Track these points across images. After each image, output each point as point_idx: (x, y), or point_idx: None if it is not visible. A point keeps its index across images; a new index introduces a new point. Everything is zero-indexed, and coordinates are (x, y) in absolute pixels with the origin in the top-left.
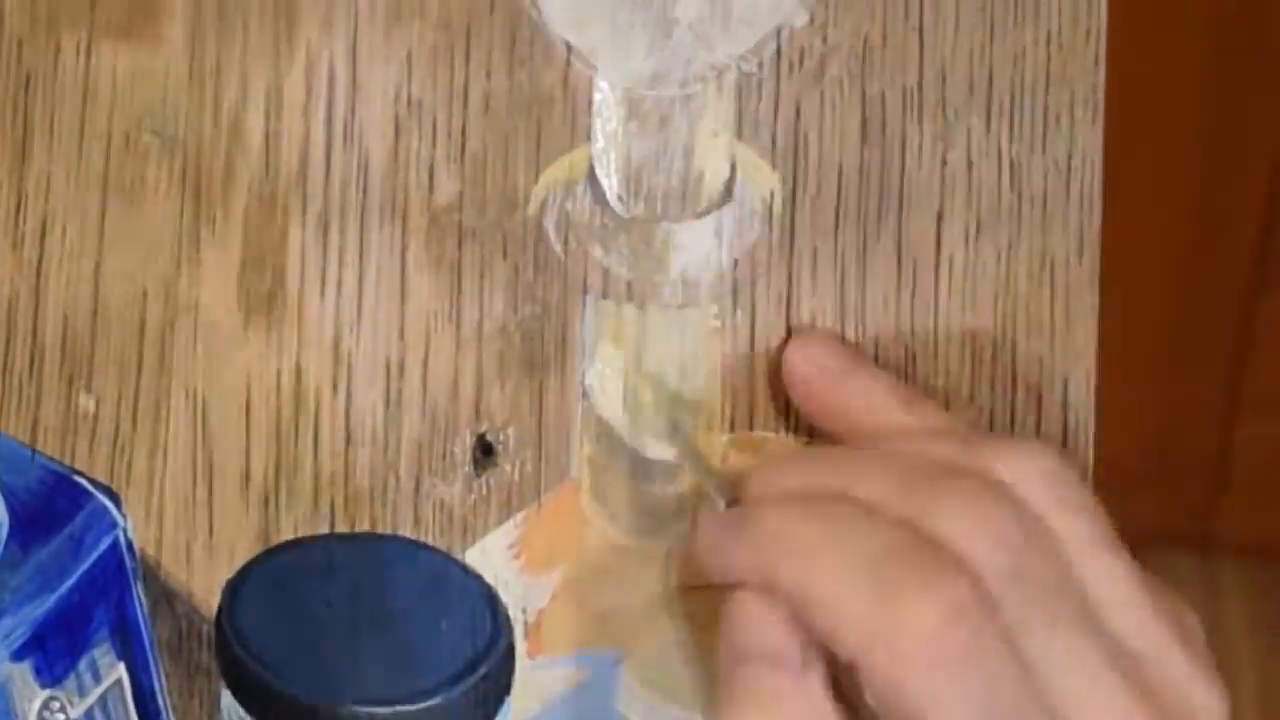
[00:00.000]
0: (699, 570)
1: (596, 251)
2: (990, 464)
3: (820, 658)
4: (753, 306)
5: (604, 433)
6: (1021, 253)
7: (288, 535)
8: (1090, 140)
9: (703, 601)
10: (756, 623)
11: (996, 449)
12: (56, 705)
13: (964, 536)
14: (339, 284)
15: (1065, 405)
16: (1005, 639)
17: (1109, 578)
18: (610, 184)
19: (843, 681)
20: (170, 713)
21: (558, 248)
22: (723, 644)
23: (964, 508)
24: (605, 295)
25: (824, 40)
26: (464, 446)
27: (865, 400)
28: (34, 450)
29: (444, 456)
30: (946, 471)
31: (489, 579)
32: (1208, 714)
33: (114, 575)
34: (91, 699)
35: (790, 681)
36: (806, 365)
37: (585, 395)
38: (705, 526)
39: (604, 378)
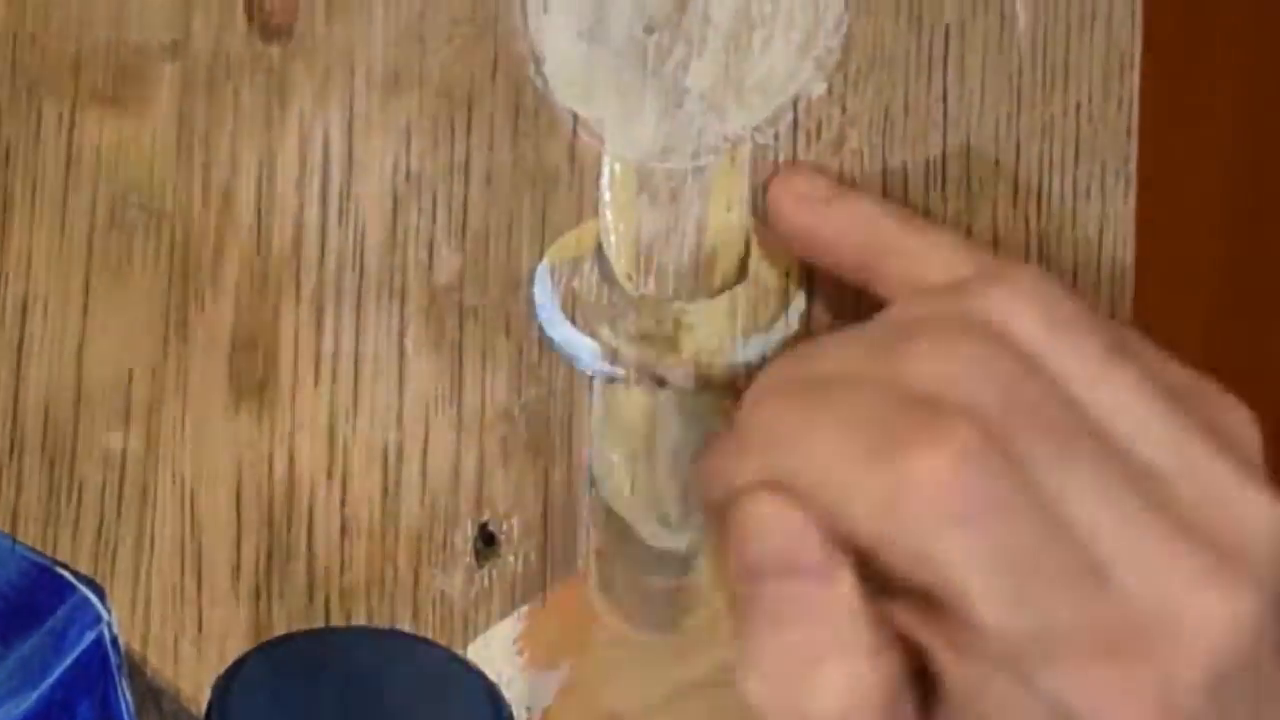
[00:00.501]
0: (714, 506)
1: (605, 331)
2: (974, 303)
3: (844, 554)
4: None
5: (612, 522)
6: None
7: (280, 630)
8: (1122, 215)
9: (714, 699)
10: (768, 529)
11: (984, 283)
12: None
13: (950, 382)
14: (334, 366)
15: None
16: (1019, 479)
17: (1122, 393)
18: (619, 261)
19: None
20: None
21: (564, 328)
22: (733, 562)
23: (942, 353)
24: (614, 378)
25: (843, 110)
26: (465, 536)
27: (857, 223)
28: (14, 540)
29: (444, 547)
30: (918, 322)
31: (491, 675)
32: (1256, 524)
33: (98, 671)
34: None
35: (818, 587)
36: (789, 197)
37: (592, 483)
38: (705, 455)
39: (612, 465)
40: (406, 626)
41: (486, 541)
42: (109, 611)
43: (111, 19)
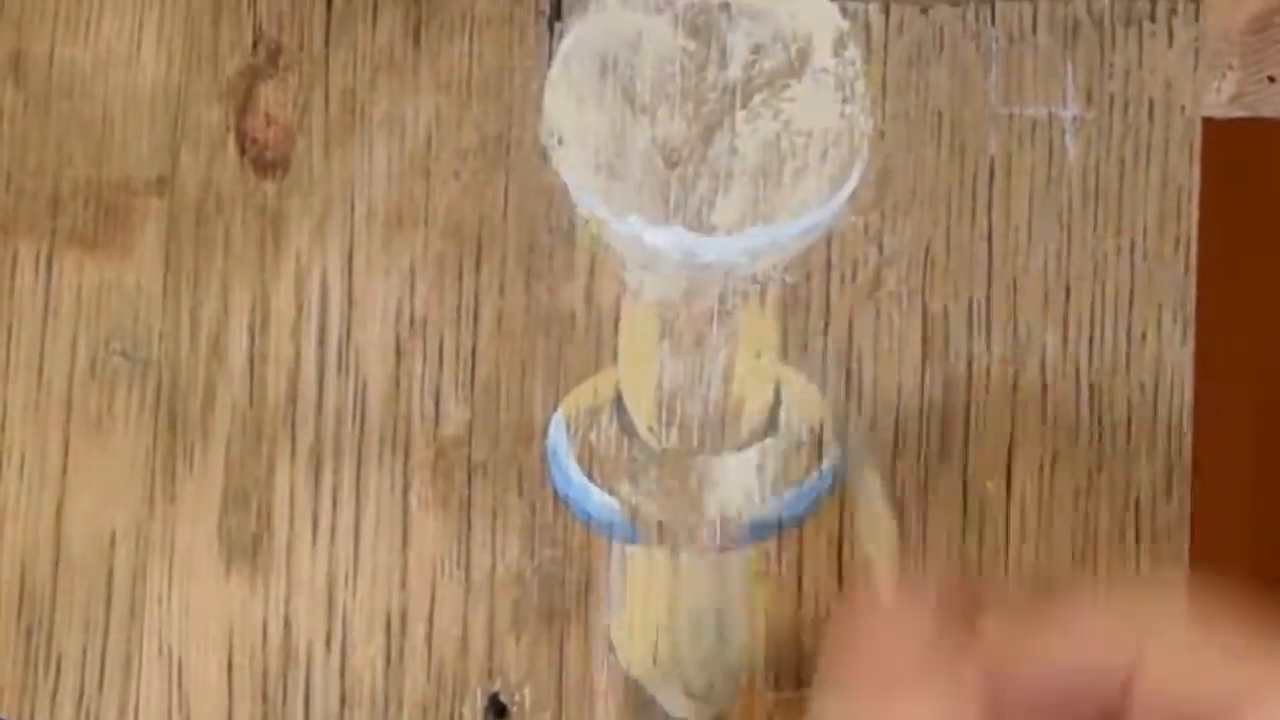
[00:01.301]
0: None
1: (624, 488)
2: None
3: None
4: (799, 550)
5: (633, 693)
6: (1102, 487)
7: None
8: (1179, 360)
9: None
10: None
11: None
12: None
13: None
14: (333, 525)
15: None
16: None
17: None
18: (639, 412)
19: None
20: None
21: (576, 483)
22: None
23: None
24: (634, 538)
25: (880, 249)
26: (474, 708)
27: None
28: None
29: (452, 718)
30: None
31: None
32: None
33: None
34: None
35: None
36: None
37: (611, 650)
38: None
39: (632, 630)
40: None
41: (497, 713)
42: None
43: (91, 155)
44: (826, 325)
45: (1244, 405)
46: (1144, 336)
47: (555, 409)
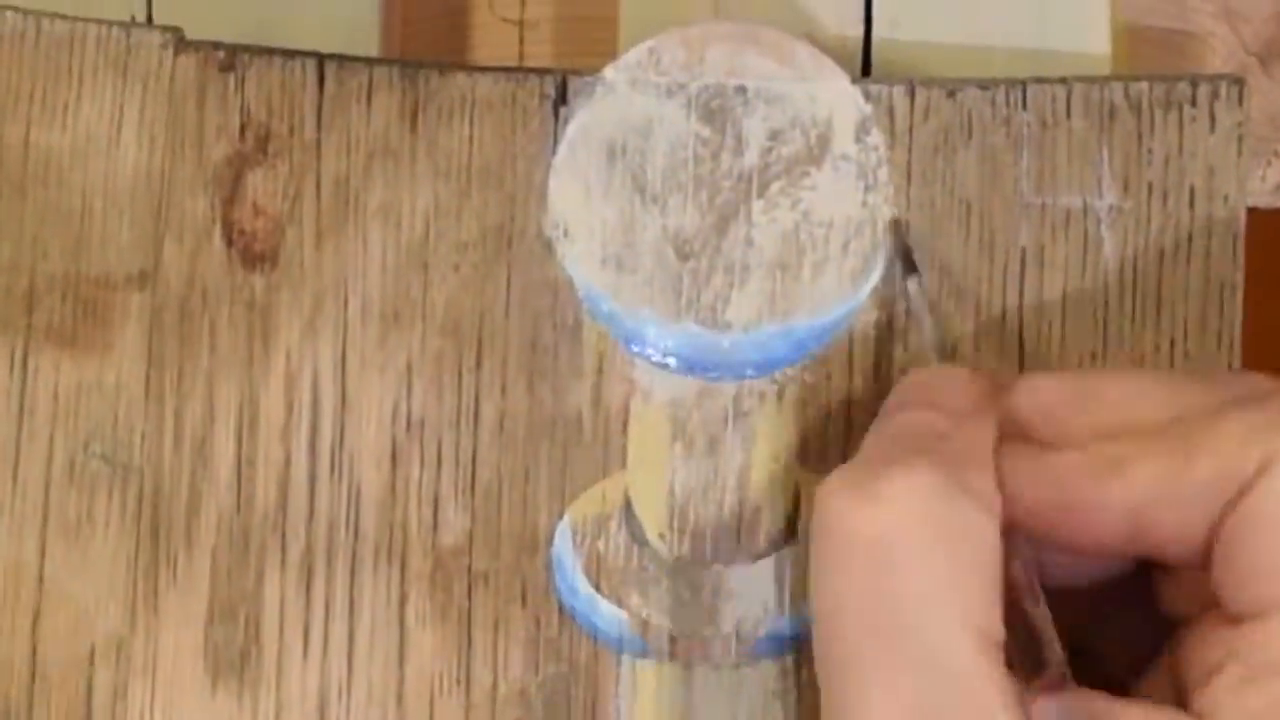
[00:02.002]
0: None
1: (634, 599)
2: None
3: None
4: None
5: None
6: None
7: None
8: None
9: None
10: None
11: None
12: None
13: None
14: (325, 639)
15: None
16: None
17: None
18: (650, 520)
19: None
20: None
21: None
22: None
23: None
24: (644, 652)
25: (904, 346)
26: None
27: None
28: None
29: None
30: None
31: None
32: None
33: None
34: None
35: (953, 424)
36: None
37: None
38: None
39: None
40: None
41: None
42: None
43: (69, 247)
44: (848, 428)
45: None
46: None
47: (561, 516)
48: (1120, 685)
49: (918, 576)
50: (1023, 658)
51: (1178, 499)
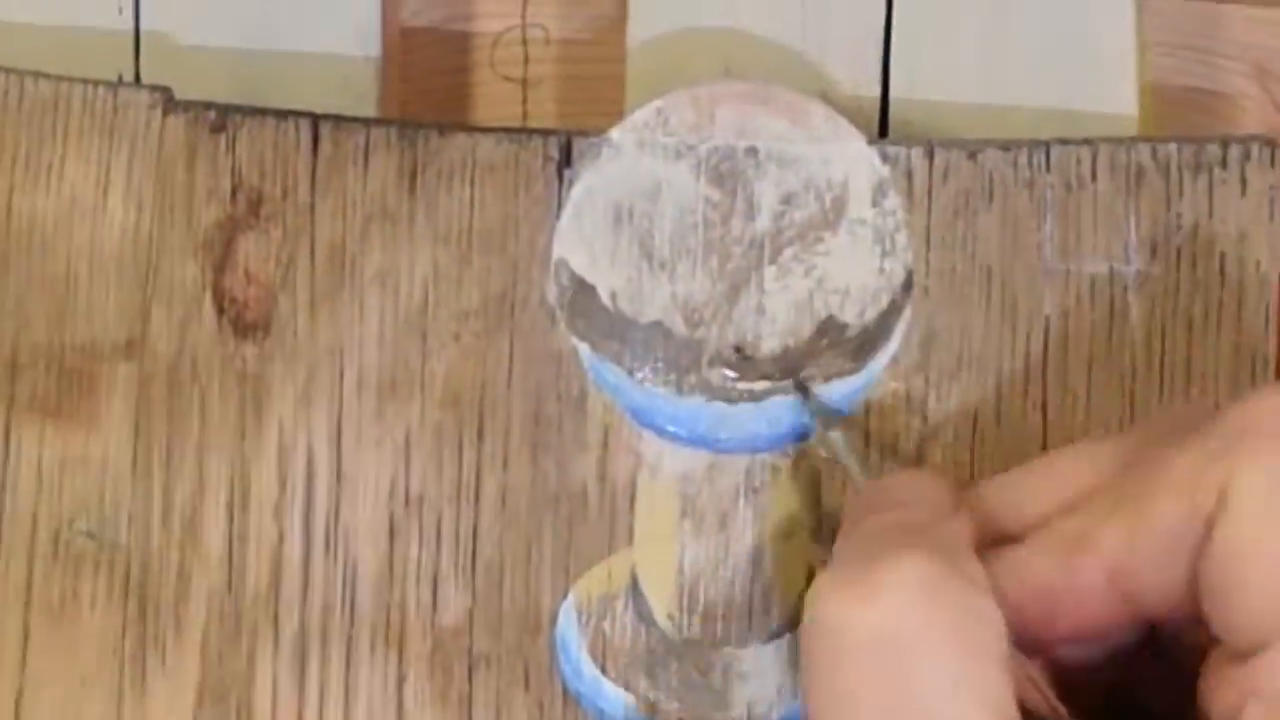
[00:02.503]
0: None
1: (641, 682)
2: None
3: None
4: None
5: None
6: None
7: None
8: None
9: None
10: (895, 481)
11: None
12: None
13: None
14: None
15: None
16: None
17: None
18: (658, 599)
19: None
20: None
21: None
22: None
23: None
24: None
25: (923, 419)
26: None
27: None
28: None
29: None
30: None
31: None
32: None
33: None
34: None
35: (930, 518)
36: None
37: None
38: None
39: None
40: None
41: None
42: None
43: (54, 315)
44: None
45: None
46: None
47: (565, 595)
48: None
49: (929, 666)
50: None
51: (1150, 555)
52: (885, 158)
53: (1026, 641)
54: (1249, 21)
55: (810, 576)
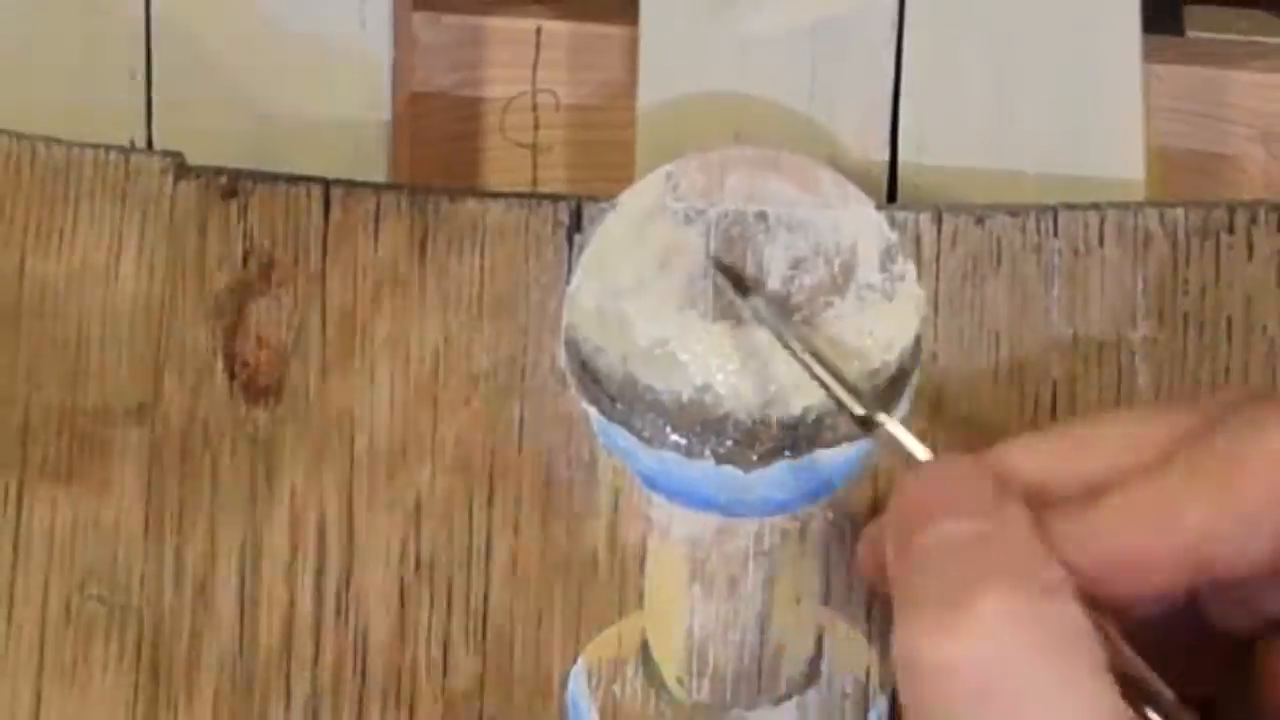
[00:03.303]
0: None
1: None
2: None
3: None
4: None
5: None
6: None
7: None
8: None
9: None
10: (932, 475)
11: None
12: None
13: None
14: None
15: None
16: None
17: None
18: (668, 663)
19: None
20: None
21: None
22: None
23: None
24: None
25: None
26: None
27: None
28: None
29: None
30: None
31: None
32: None
33: None
34: None
35: (985, 523)
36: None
37: None
38: None
39: None
40: None
41: None
42: None
43: (65, 380)
44: None
45: None
46: None
47: (575, 660)
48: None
49: (1040, 696)
50: None
51: (1235, 530)
52: (894, 223)
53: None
54: (1254, 86)
55: (819, 639)
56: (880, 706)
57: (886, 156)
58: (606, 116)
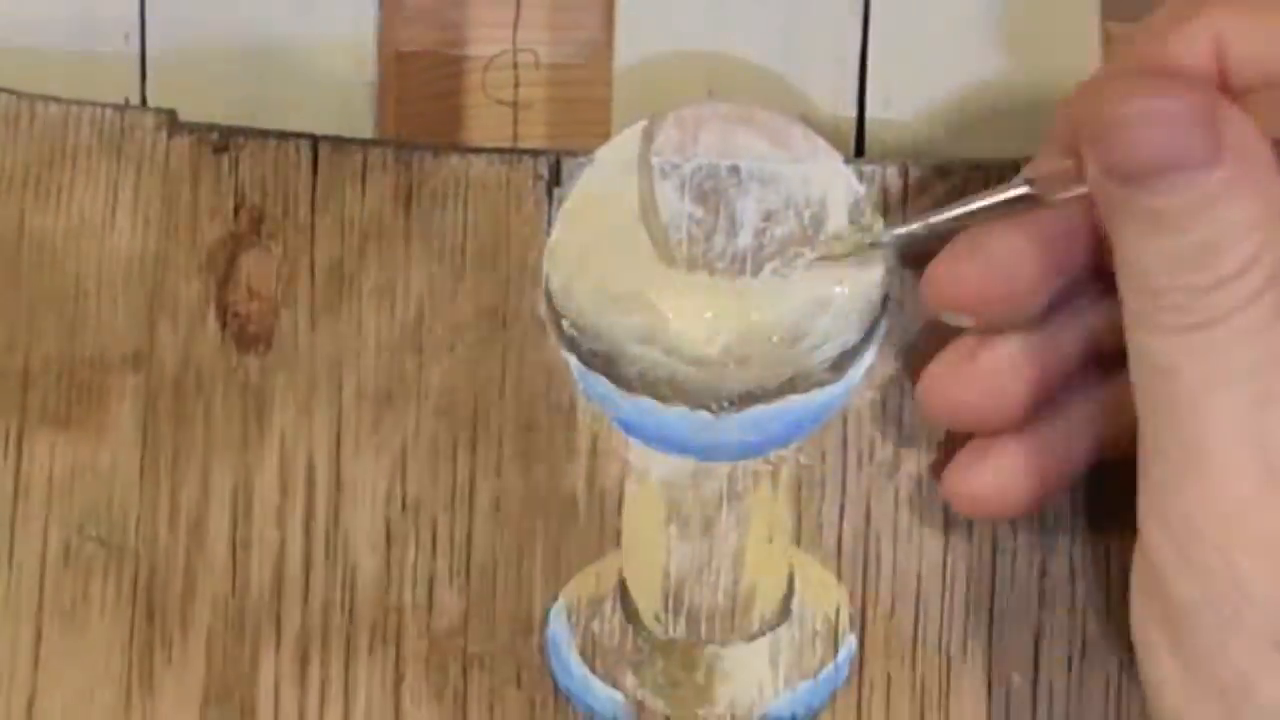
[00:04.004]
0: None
1: (629, 680)
2: None
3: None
4: None
5: None
6: (1135, 680)
7: None
8: None
9: None
10: (1145, 116)
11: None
12: None
13: None
14: None
15: None
16: None
17: None
18: (645, 601)
19: None
20: None
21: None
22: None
23: None
24: None
25: (899, 426)
26: None
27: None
28: None
29: None
30: None
31: None
32: None
33: None
34: None
35: (1209, 172)
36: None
37: None
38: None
39: None
40: None
41: None
42: None
43: (63, 329)
44: (842, 508)
45: None
46: None
47: (555, 598)
48: None
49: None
50: None
51: None
52: (861, 176)
53: None
54: None
55: (791, 579)
56: (850, 643)
57: (854, 112)
58: (585, 74)
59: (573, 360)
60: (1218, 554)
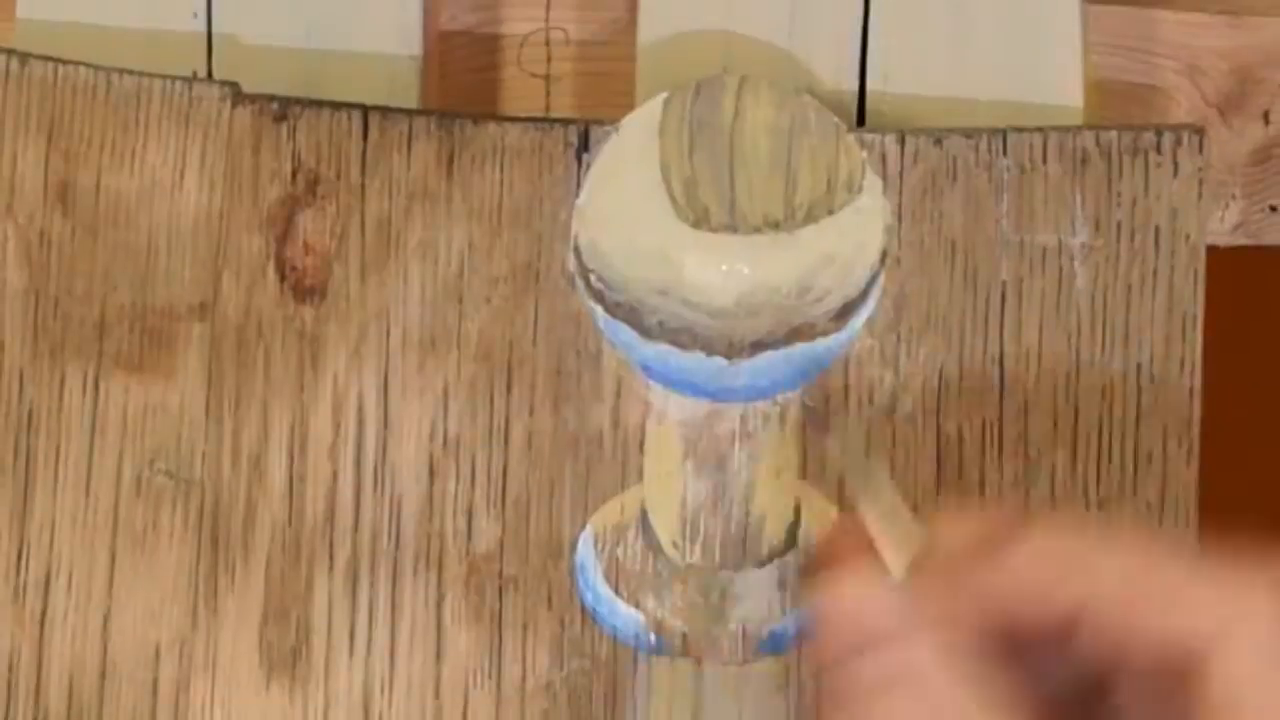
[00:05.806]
0: None
1: (649, 602)
2: None
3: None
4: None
5: None
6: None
7: None
8: (1184, 480)
9: None
10: (843, 602)
11: None
12: None
13: None
14: (369, 638)
15: None
16: None
17: None
18: (664, 530)
19: None
20: None
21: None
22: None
23: None
24: (659, 650)
25: (895, 373)
26: None
27: None
28: None
29: None
30: None
31: None
32: None
33: None
34: None
35: (904, 650)
36: None
37: None
38: None
39: None
40: None
41: None
42: None
43: (136, 281)
44: (843, 446)
45: (1247, 524)
46: (1150, 456)
47: (584, 526)
48: None
49: None
50: None
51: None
52: (862, 144)
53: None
54: (1180, 24)
55: (797, 510)
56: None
57: (856, 86)
58: (611, 51)
59: (599, 310)
60: None
